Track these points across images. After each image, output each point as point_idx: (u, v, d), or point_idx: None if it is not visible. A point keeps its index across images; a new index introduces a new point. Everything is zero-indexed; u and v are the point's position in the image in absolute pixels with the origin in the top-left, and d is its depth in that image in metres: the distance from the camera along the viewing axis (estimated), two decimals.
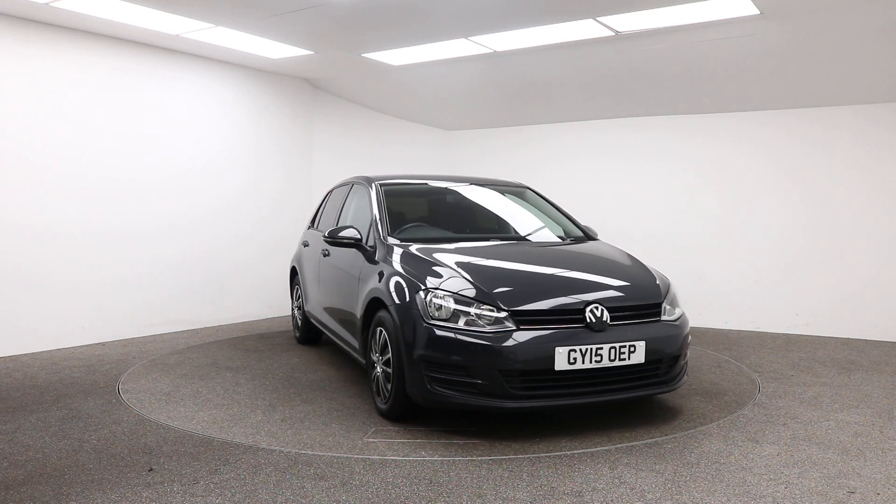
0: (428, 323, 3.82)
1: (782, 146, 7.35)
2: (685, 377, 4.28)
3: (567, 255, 4.71)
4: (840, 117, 7.03)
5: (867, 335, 6.90)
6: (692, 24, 5.69)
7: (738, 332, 7.39)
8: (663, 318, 4.10)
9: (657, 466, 3.45)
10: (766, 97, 7.14)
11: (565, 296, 3.93)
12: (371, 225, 4.91)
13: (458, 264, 4.18)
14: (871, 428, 4.10)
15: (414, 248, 4.49)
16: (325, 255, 5.70)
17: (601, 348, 3.75)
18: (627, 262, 4.60)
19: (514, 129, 9.09)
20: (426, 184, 5.61)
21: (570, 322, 3.81)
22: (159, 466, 3.43)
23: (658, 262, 7.96)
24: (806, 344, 6.68)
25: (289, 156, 8.35)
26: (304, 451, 3.64)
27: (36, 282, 6.06)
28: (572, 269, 4.31)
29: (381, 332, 4.20)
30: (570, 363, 3.70)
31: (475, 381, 3.70)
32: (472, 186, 5.58)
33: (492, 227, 5.36)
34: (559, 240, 5.13)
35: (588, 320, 3.81)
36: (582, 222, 5.65)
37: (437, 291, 3.90)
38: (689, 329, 4.24)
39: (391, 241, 4.65)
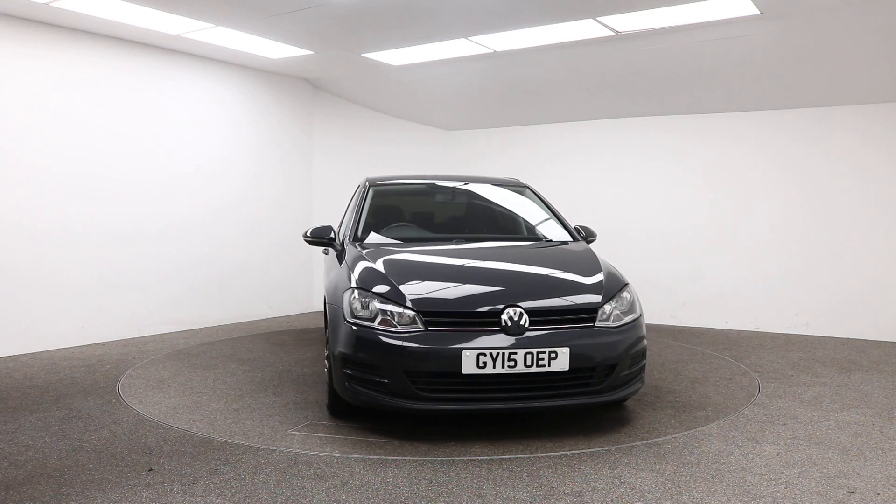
0: (347, 321, 3.85)
1: (782, 146, 7.35)
2: (635, 386, 4.00)
3: (519, 257, 4.56)
4: (839, 117, 7.03)
5: (867, 335, 6.90)
6: (692, 24, 5.69)
7: (738, 332, 7.39)
8: (599, 323, 3.85)
9: (657, 466, 3.45)
10: (766, 97, 7.14)
11: (484, 298, 3.82)
12: (348, 224, 5.04)
13: (389, 265, 4.16)
14: (871, 428, 4.10)
15: (366, 248, 4.54)
16: (325, 254, 5.73)
17: (515, 353, 3.60)
18: (581, 265, 4.32)
19: (514, 129, 9.10)
20: (421, 184, 5.59)
21: (486, 325, 3.70)
22: (159, 466, 3.43)
23: (658, 262, 7.99)
24: (806, 344, 6.68)
25: (289, 156, 8.35)
26: (304, 451, 3.64)
27: (36, 282, 6.06)
28: (512, 272, 4.23)
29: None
30: (479, 367, 3.59)
31: (383, 380, 3.70)
32: (470, 187, 5.56)
33: (473, 227, 5.28)
34: (533, 241, 5.01)
35: (504, 324, 3.71)
36: (580, 222, 5.63)
37: (360, 291, 3.92)
38: (638, 336, 3.98)
39: (356, 239, 4.76)
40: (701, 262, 7.78)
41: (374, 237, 4.84)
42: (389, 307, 3.78)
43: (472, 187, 5.56)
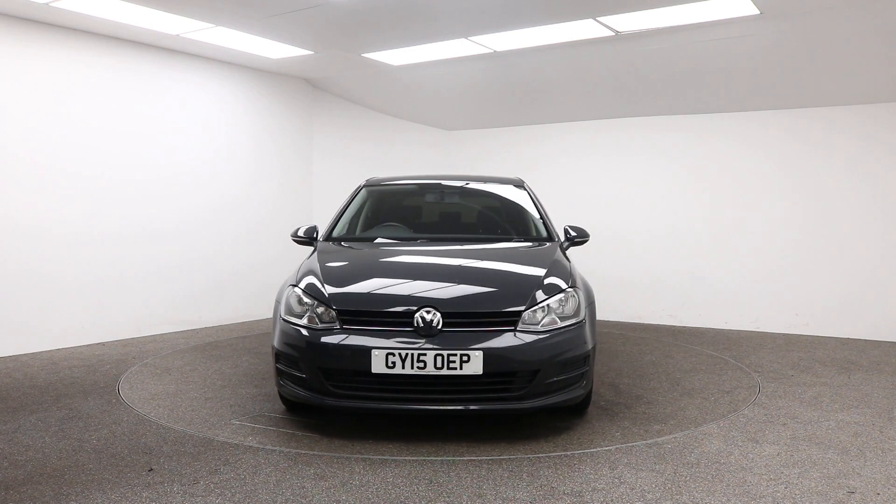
0: (281, 318, 3.99)
1: (782, 146, 7.35)
2: (569, 394, 3.82)
3: (468, 257, 4.47)
4: (839, 117, 7.03)
5: (867, 335, 6.91)
6: (692, 24, 5.69)
7: (738, 332, 7.39)
8: (522, 327, 3.72)
9: (657, 466, 3.45)
10: (766, 97, 7.14)
11: (400, 298, 3.83)
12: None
13: (327, 263, 4.25)
14: (871, 428, 4.10)
15: (326, 247, 4.67)
16: None
17: (424, 354, 3.58)
18: (527, 267, 4.21)
19: (514, 129, 9.10)
20: (412, 184, 5.61)
21: (400, 325, 3.70)
22: (159, 466, 3.43)
23: (658, 262, 7.98)
24: (806, 344, 6.68)
25: (288, 156, 8.35)
26: (304, 451, 3.64)
27: (36, 281, 6.06)
28: (447, 272, 4.19)
29: None
30: (388, 367, 3.59)
31: (302, 375, 3.81)
32: (463, 187, 5.56)
33: (448, 227, 5.26)
34: (503, 241, 4.92)
35: (416, 324, 3.68)
36: (580, 222, 5.61)
37: (294, 289, 4.05)
38: (576, 342, 3.81)
39: (327, 239, 4.90)
40: (701, 262, 7.78)
41: (345, 236, 4.97)
42: (315, 305, 3.88)
43: (464, 188, 5.55)
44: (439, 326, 3.67)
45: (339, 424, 4.10)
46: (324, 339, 3.73)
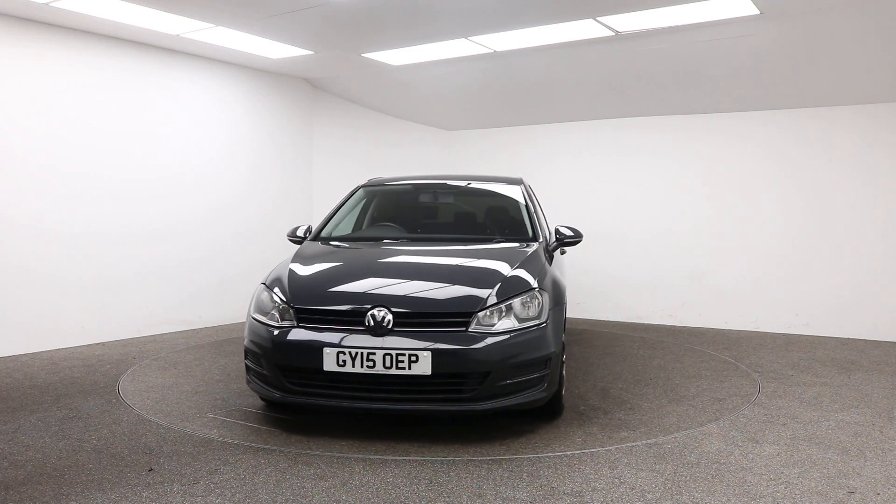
0: (251, 316, 4.11)
1: (782, 146, 7.35)
2: (526, 396, 3.75)
3: (439, 257, 4.47)
4: (839, 117, 7.03)
5: (867, 335, 6.91)
6: (692, 24, 5.69)
7: (738, 332, 7.39)
8: (475, 328, 3.68)
9: (657, 466, 3.45)
10: (766, 97, 7.14)
11: (355, 297, 3.88)
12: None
13: (297, 263, 4.35)
14: (871, 428, 4.10)
15: (308, 247, 4.76)
16: None
17: (373, 353, 3.60)
18: (493, 267, 4.14)
19: (514, 129, 9.10)
20: (407, 184, 5.62)
21: (353, 324, 3.73)
22: (159, 466, 3.43)
23: (658, 262, 7.98)
24: (806, 344, 6.68)
25: (288, 156, 8.35)
26: (304, 451, 3.64)
27: (36, 281, 6.06)
28: (410, 271, 4.21)
29: None
30: (338, 365, 3.64)
31: (263, 372, 3.91)
32: (459, 188, 5.56)
33: (435, 227, 5.26)
34: (485, 241, 4.85)
35: (367, 323, 3.71)
36: (579, 222, 5.61)
37: (263, 287, 4.17)
38: (534, 344, 3.74)
39: (315, 238, 4.97)
40: (701, 262, 7.78)
41: (332, 236, 5.02)
42: (279, 303, 3.96)
43: (458, 189, 5.56)
44: (390, 326, 3.69)
45: (299, 421, 4.12)
46: (281, 337, 3.82)
